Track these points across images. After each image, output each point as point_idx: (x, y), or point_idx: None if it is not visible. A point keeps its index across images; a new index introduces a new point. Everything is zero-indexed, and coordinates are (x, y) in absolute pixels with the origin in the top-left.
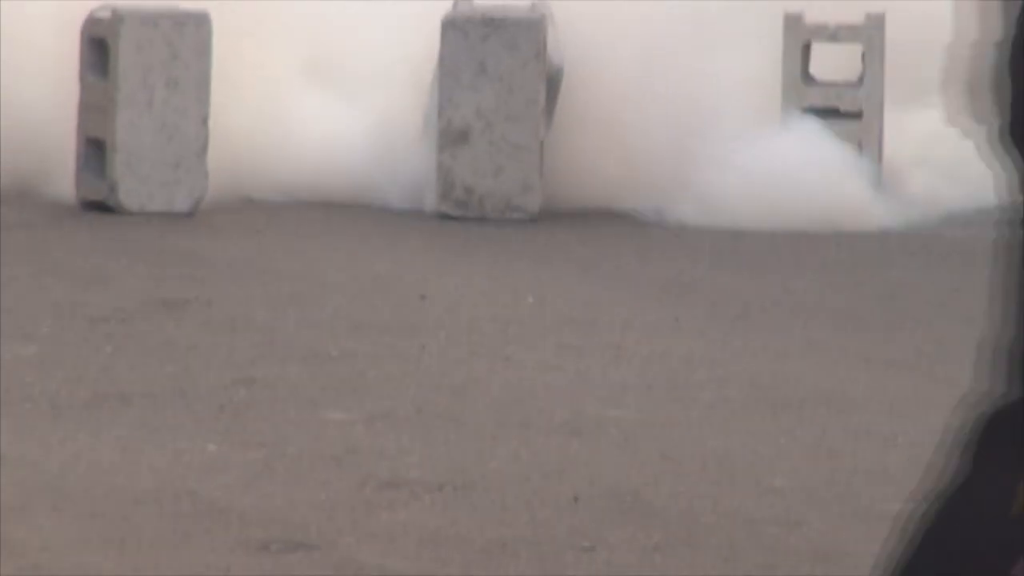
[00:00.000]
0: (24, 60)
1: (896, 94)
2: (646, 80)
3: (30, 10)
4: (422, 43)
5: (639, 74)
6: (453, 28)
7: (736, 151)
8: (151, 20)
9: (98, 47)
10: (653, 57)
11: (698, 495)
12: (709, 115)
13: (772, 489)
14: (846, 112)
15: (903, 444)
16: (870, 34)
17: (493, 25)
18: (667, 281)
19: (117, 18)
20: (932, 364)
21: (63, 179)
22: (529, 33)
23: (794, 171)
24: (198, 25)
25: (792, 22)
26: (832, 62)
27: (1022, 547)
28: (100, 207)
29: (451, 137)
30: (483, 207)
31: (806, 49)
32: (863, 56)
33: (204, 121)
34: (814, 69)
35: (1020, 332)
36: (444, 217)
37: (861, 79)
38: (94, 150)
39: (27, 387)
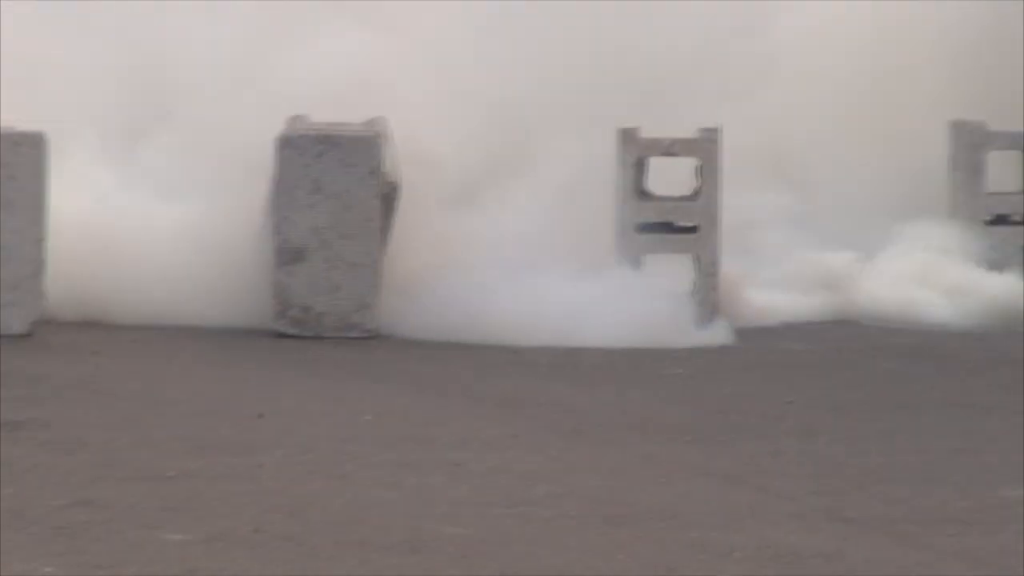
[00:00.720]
0: None
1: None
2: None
3: None
4: (257, 160)
5: (472, 191)
6: (288, 145)
7: (567, 276)
8: None
9: None
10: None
11: None
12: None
13: None
14: (682, 227)
15: (740, 558)
16: (705, 148)
17: (329, 143)
18: (504, 397)
19: None
20: (768, 477)
21: None
22: (365, 150)
23: (621, 294)
24: (33, 146)
25: (626, 137)
26: (668, 176)
27: None
28: None
29: (287, 255)
30: (320, 325)
31: (640, 164)
32: (698, 170)
33: (40, 242)
34: (650, 184)
35: None
36: (282, 336)
37: (696, 193)
38: None
39: None
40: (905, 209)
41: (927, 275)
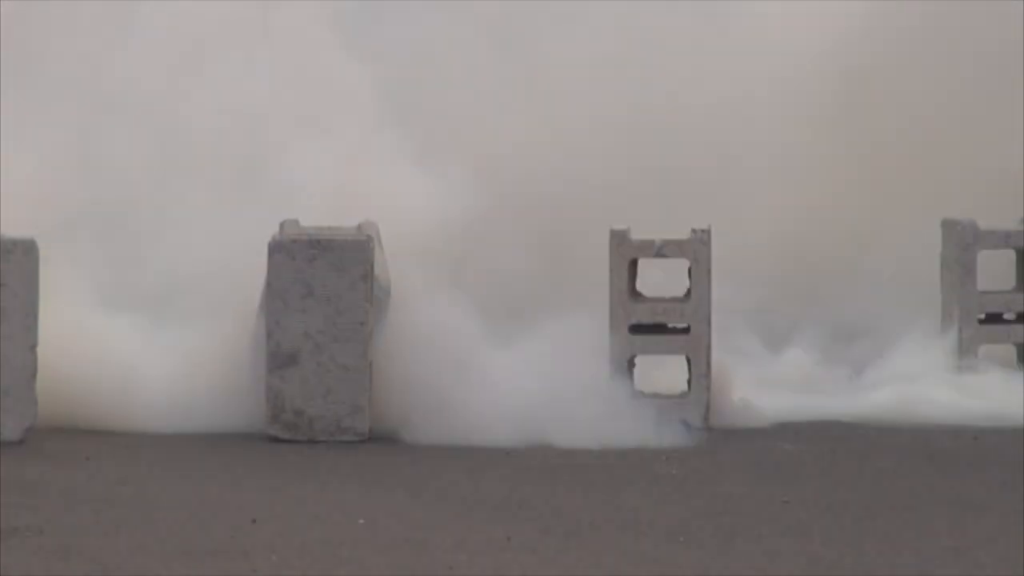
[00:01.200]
0: None
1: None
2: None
3: None
4: (249, 265)
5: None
6: (280, 251)
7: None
8: None
9: None
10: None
11: None
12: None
13: None
14: (674, 327)
15: None
16: (696, 249)
17: (320, 247)
18: (498, 500)
19: None
20: None
21: None
22: (356, 255)
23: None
24: (25, 253)
25: (618, 239)
26: (658, 277)
27: None
28: None
29: (280, 360)
30: (313, 429)
31: (633, 265)
32: (689, 271)
33: (32, 348)
34: (641, 285)
35: None
36: (275, 440)
37: (688, 294)
38: None
39: None
40: (900, 307)
41: (921, 374)
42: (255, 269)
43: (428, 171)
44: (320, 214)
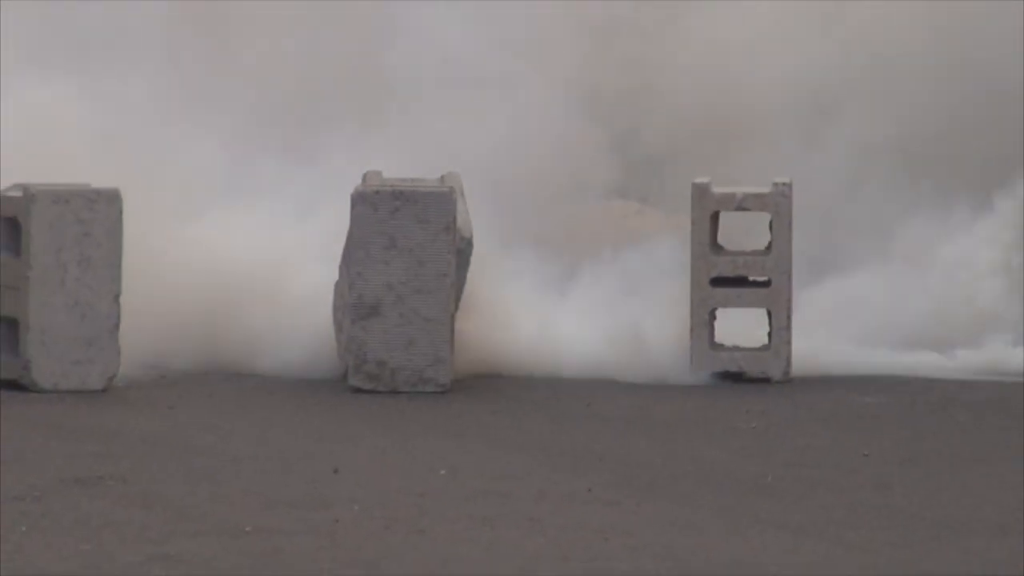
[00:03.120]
0: None
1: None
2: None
3: None
4: (333, 216)
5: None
6: (363, 202)
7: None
8: (62, 198)
9: (10, 226)
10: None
11: None
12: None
13: None
14: (755, 281)
15: None
16: (777, 202)
17: (403, 198)
18: (579, 450)
19: (28, 197)
20: (843, 530)
21: None
22: (439, 206)
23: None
24: (109, 203)
25: (700, 192)
26: (741, 229)
27: None
28: (14, 386)
29: (362, 311)
30: (395, 380)
31: (715, 218)
32: (770, 224)
33: (116, 299)
34: (723, 238)
35: None
36: (357, 390)
37: (769, 247)
38: (8, 329)
39: None
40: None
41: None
42: (339, 220)
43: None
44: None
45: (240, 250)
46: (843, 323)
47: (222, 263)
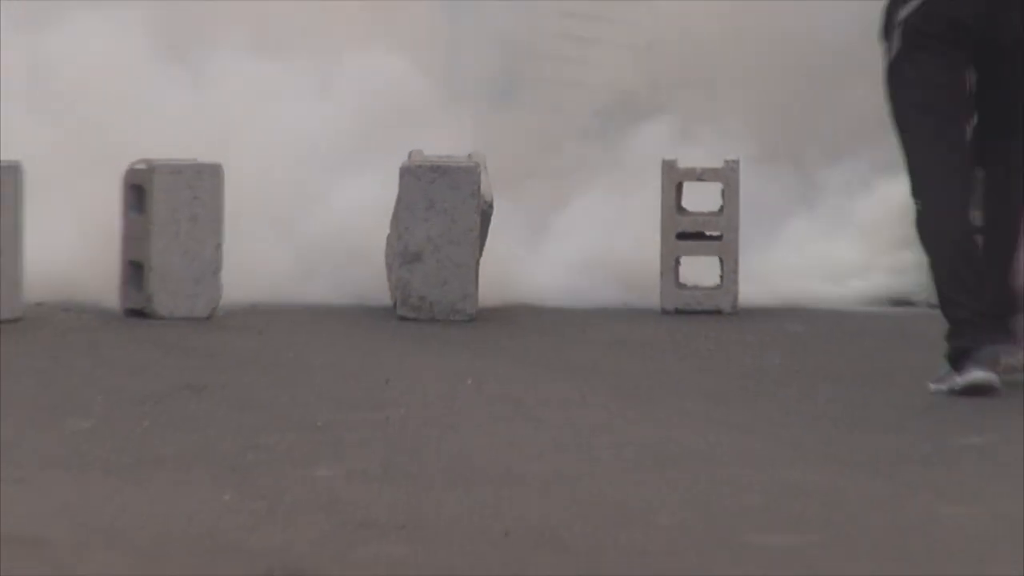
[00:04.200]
0: (83, 203)
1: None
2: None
3: (82, 164)
4: (389, 185)
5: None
6: (409, 173)
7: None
8: (177, 170)
9: (137, 191)
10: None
11: (601, 533)
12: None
13: (658, 527)
14: (710, 235)
15: (758, 491)
16: (727, 175)
17: (439, 171)
18: (576, 366)
19: (151, 169)
20: (777, 429)
21: (111, 293)
22: (467, 177)
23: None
24: (213, 174)
25: (668, 167)
26: (699, 196)
27: None
28: (139, 314)
29: (408, 257)
30: (433, 311)
31: (679, 187)
32: (722, 192)
33: (218, 247)
34: (685, 202)
35: None
36: (403, 319)
37: (721, 209)
38: (134, 270)
39: (84, 453)
40: None
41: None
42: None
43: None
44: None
45: (328, 211)
46: (782, 264)
47: (311, 220)
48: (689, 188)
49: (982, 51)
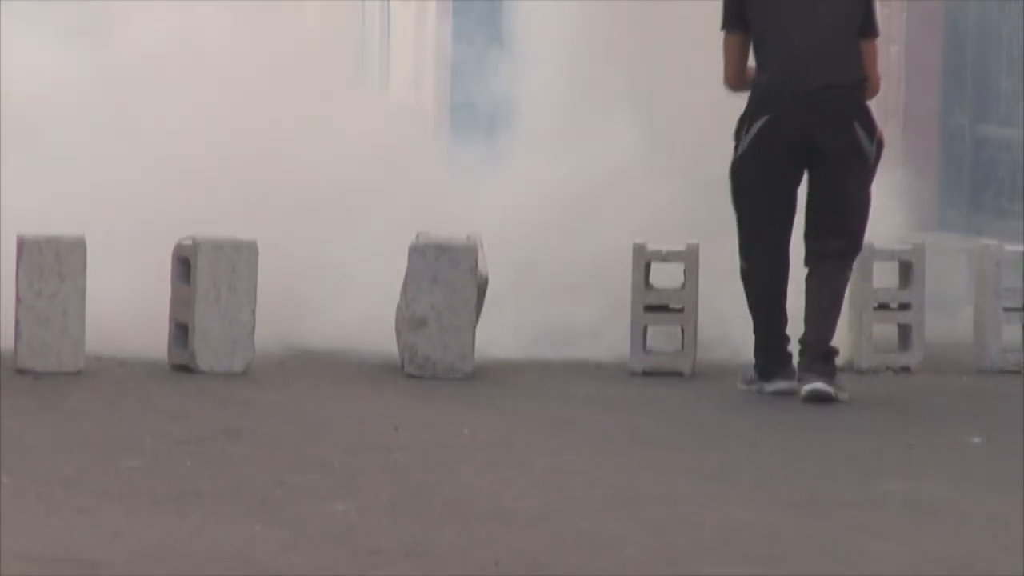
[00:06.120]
0: (135, 273)
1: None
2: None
3: (136, 241)
4: (400, 261)
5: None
6: (416, 251)
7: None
8: (218, 246)
9: (184, 263)
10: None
11: (578, 561)
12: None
13: (627, 557)
14: (673, 308)
15: (711, 528)
16: (688, 257)
17: (442, 249)
18: (557, 418)
19: (196, 244)
20: (729, 473)
21: (160, 350)
22: (466, 255)
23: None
24: (248, 249)
25: (638, 249)
26: (665, 274)
27: None
28: (184, 369)
29: (414, 323)
30: (435, 370)
31: (647, 266)
32: (684, 271)
33: (252, 312)
34: (653, 279)
35: None
36: (410, 376)
37: (683, 286)
38: (180, 331)
39: (135, 487)
40: None
41: None
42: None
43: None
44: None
45: (349, 285)
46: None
47: (335, 295)
48: (656, 267)
49: (811, 158)
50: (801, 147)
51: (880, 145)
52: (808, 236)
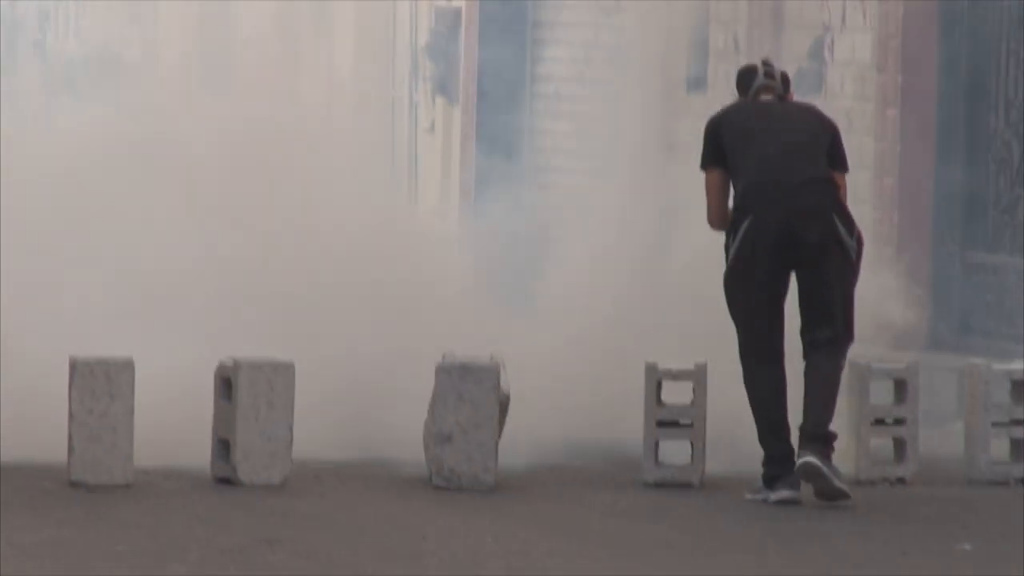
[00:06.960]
0: (180, 393)
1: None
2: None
3: (183, 363)
4: (428, 375)
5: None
6: (443, 371)
7: None
8: (257, 366)
9: (226, 383)
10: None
11: None
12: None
13: None
14: (683, 423)
15: None
16: (697, 376)
17: (467, 369)
18: (575, 526)
19: (237, 365)
20: None
21: (204, 463)
22: (488, 374)
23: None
24: (286, 369)
25: (650, 368)
26: (676, 391)
27: None
28: (226, 481)
29: (441, 438)
30: (460, 481)
31: (658, 384)
32: (693, 389)
33: (290, 428)
34: (664, 396)
35: None
36: (437, 488)
37: (692, 403)
38: (222, 445)
39: None
40: None
41: None
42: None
43: None
44: None
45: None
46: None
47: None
48: (667, 385)
49: (796, 255)
50: (785, 244)
51: (860, 242)
52: (802, 331)
